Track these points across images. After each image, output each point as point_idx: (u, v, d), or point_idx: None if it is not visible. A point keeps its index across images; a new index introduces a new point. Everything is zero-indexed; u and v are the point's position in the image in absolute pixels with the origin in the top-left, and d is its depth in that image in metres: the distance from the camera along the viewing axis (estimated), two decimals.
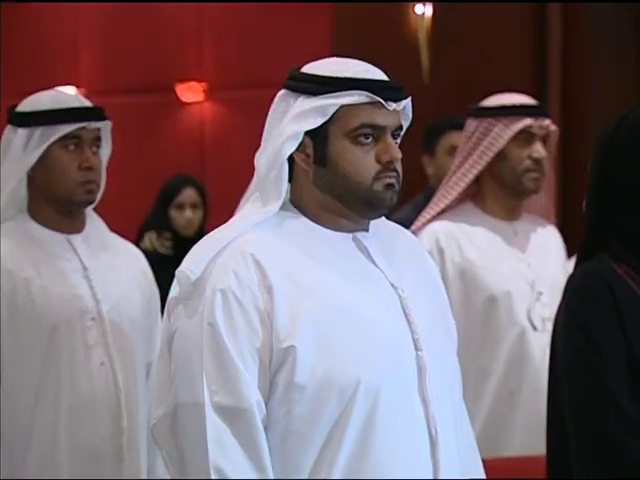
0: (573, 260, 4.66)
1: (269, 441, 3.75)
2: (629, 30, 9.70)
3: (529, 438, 4.74)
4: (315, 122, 3.86)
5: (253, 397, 3.74)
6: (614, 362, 4.07)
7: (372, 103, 3.88)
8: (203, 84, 10.40)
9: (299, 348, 3.71)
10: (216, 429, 3.75)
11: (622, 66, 9.32)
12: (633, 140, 4.28)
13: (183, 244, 6.73)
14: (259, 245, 3.85)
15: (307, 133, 3.85)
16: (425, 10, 9.13)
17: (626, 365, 4.07)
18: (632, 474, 4.00)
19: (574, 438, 4.15)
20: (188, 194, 8.53)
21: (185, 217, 8.48)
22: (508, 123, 5.90)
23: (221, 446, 3.75)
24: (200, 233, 7.56)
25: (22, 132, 5.46)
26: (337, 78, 3.88)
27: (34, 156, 5.44)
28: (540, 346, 5.45)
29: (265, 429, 3.77)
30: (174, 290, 3.96)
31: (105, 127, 5.60)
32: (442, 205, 5.89)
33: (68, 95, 5.66)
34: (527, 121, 5.93)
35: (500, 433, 5.44)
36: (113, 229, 5.73)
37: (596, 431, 4.10)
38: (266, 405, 3.76)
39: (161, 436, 4.08)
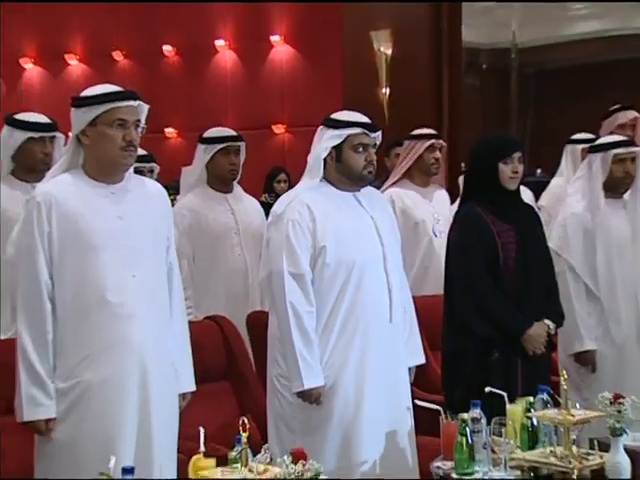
0: (455, 205, 4.64)
1: (313, 289, 3.79)
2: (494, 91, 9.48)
3: (437, 285, 4.62)
4: (335, 142, 3.88)
5: (306, 268, 3.79)
6: (477, 255, 4.07)
7: (363, 133, 3.89)
8: (285, 125, 10.24)
9: (327, 246, 3.80)
10: (289, 283, 3.76)
11: (486, 112, 9.16)
12: (481, 150, 4.30)
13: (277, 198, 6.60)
14: (309, 198, 3.88)
15: (332, 147, 3.85)
16: (387, 92, 8.93)
17: (483, 257, 4.04)
18: (487, 314, 4.00)
19: (457, 290, 4.13)
20: (282, 175, 8.57)
21: (281, 186, 8.48)
22: (423, 142, 5.73)
23: (291, 291, 3.75)
24: None
25: (203, 146, 5.32)
26: (346, 121, 3.93)
27: (208, 156, 5.30)
28: (439, 245, 5.29)
29: (311, 283, 3.75)
30: (270, 219, 4.03)
31: (242, 145, 5.39)
32: (392, 181, 5.78)
33: (223, 129, 5.56)
34: (432, 141, 5.74)
35: (421, 283, 5.37)
36: (246, 191, 5.58)
37: (468, 287, 4.06)
38: (312, 272, 3.78)
39: (263, 286, 4.26)
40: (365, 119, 3.93)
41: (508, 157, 4.09)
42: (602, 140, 4.97)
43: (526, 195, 5.86)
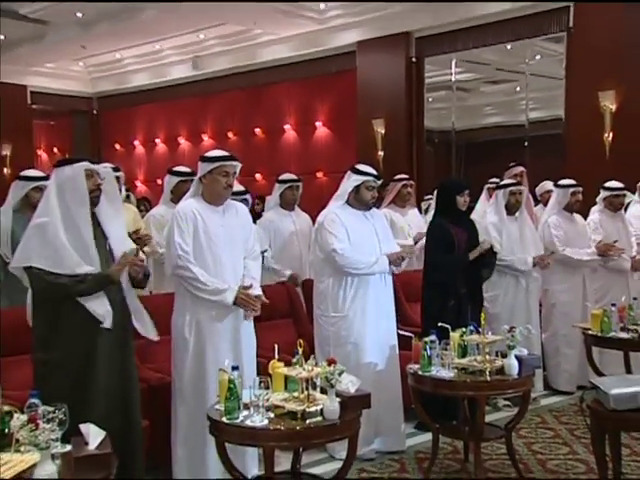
0: (429, 216, 4.51)
1: None
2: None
3: (410, 263, 4.50)
4: (357, 183, 3.73)
5: (343, 246, 3.61)
6: (441, 249, 3.97)
7: (373, 180, 3.72)
8: (323, 172, 10.09)
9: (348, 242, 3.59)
10: (340, 251, 3.59)
11: (437, 166, 9.21)
12: (446, 187, 4.20)
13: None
14: (338, 212, 3.72)
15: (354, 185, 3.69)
16: (381, 154, 8.86)
17: (446, 249, 3.95)
18: (448, 271, 3.96)
19: (432, 265, 4.04)
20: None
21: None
22: (400, 182, 5.60)
23: (343, 258, 3.60)
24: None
25: (278, 185, 5.09)
26: (364, 172, 3.76)
27: (280, 190, 5.10)
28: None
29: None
30: (316, 225, 3.85)
31: (300, 184, 5.16)
32: (385, 205, 5.53)
33: (290, 175, 5.26)
34: (403, 182, 5.60)
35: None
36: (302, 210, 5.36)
37: (440, 263, 3.99)
38: None
39: (312, 264, 4.13)
40: (374, 172, 3.79)
41: (461, 192, 4.08)
42: (504, 182, 5.00)
43: None
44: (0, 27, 9.53)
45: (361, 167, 3.79)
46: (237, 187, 4.40)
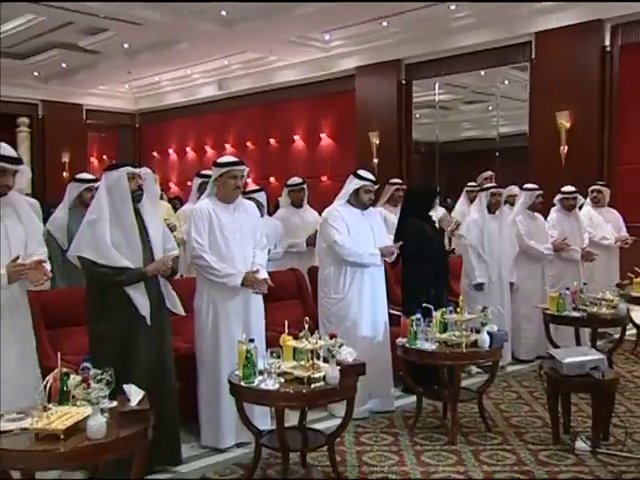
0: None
1: None
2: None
3: None
4: (357, 186, 3.61)
5: (343, 238, 3.51)
6: (421, 242, 3.83)
7: (371, 184, 3.60)
8: (327, 176, 9.96)
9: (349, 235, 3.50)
10: (340, 242, 3.49)
11: (423, 172, 9.11)
12: (423, 193, 4.08)
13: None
14: (340, 210, 3.62)
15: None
16: (376, 161, 8.78)
17: (418, 245, 3.81)
18: (424, 261, 3.82)
19: (409, 257, 3.93)
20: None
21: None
22: (393, 186, 5.41)
23: (342, 249, 3.51)
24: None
25: (286, 188, 4.91)
26: (364, 177, 3.62)
27: (288, 191, 4.93)
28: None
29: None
30: (322, 220, 3.74)
31: (305, 187, 4.88)
32: (380, 204, 5.25)
33: (297, 179, 5.06)
34: (396, 186, 5.38)
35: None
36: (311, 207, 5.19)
37: (419, 256, 3.82)
38: None
39: (318, 252, 3.83)
40: (372, 177, 3.66)
41: (437, 195, 4.14)
42: (486, 185, 4.94)
43: (442, 211, 5.75)
44: (63, 57, 9.96)
45: (361, 172, 3.66)
46: (254, 187, 4.39)
